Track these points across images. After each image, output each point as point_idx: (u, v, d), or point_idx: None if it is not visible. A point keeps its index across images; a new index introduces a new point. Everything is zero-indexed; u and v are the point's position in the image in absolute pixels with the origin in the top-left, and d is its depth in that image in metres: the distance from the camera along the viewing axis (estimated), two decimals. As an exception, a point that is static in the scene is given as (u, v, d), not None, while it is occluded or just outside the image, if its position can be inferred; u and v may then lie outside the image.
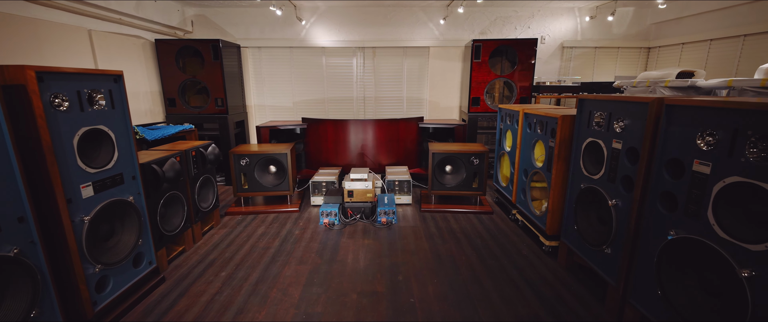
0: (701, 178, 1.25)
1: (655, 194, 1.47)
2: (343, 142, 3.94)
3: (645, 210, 1.52)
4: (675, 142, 1.37)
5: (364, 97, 4.77)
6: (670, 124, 1.39)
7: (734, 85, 2.25)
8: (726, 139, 1.17)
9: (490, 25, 4.58)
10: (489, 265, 2.29)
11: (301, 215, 3.21)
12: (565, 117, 2.15)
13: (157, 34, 4.00)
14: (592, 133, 1.92)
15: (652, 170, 1.47)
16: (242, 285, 2.08)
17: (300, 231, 2.84)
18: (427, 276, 2.16)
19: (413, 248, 2.54)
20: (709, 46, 3.86)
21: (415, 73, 4.72)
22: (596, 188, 1.87)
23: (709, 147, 1.23)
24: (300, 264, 2.32)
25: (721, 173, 1.18)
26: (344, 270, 2.24)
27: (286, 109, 4.79)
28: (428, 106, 4.80)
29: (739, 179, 1.12)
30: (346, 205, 3.04)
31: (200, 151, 2.64)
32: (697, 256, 1.29)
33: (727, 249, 1.17)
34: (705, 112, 1.24)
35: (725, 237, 1.17)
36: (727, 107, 1.16)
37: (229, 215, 3.18)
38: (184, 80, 3.90)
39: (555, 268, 2.24)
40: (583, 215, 2.01)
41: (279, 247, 2.56)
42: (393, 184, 3.45)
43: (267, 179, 3.27)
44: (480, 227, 2.90)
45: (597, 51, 4.66)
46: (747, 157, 1.10)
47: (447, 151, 3.19)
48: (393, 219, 2.97)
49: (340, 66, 4.67)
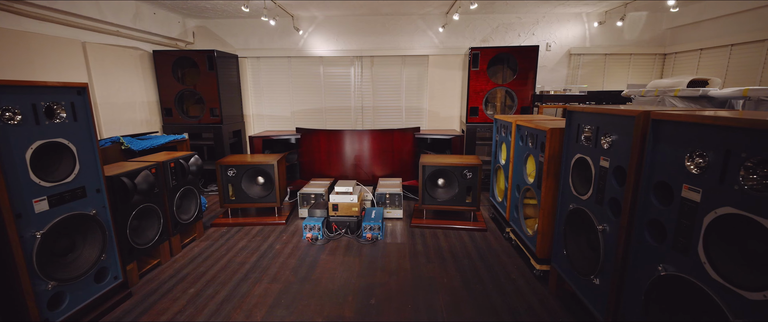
0: (691, 206, 1.07)
1: (642, 221, 1.28)
2: (335, 152, 3.85)
3: (632, 239, 1.33)
4: (663, 163, 1.19)
5: (362, 107, 4.68)
6: (658, 141, 1.21)
7: (750, 95, 2.01)
8: (718, 162, 0.98)
9: (492, 33, 4.42)
10: (473, 289, 2.11)
11: (286, 228, 3.11)
12: (553, 130, 1.97)
13: (157, 46, 4.06)
14: (580, 148, 1.74)
15: (638, 194, 1.29)
16: (207, 304, 1.99)
17: (281, 245, 2.74)
18: (402, 301, 2.00)
19: (394, 267, 2.39)
20: (729, 51, 3.56)
21: (414, 82, 4.61)
22: (585, 210, 1.68)
23: (699, 170, 1.05)
24: (272, 282, 2.21)
25: (712, 202, 1.00)
26: (316, 291, 2.12)
27: (285, 118, 4.76)
28: (428, 116, 4.66)
29: (732, 211, 0.94)
30: (330, 219, 2.92)
31: (180, 162, 2.60)
32: (687, 297, 1.10)
33: (719, 294, 0.97)
34: (694, 128, 1.06)
35: (718, 279, 0.98)
36: (717, 124, 0.98)
37: (214, 227, 3.12)
38: (180, 90, 3.93)
39: (544, 295, 2.04)
40: (573, 239, 1.82)
41: (255, 262, 2.47)
42: (384, 197, 3.32)
43: (254, 191, 3.21)
44: (470, 246, 2.71)
45: (607, 58, 4.41)
46: (741, 185, 0.91)
47: (439, 164, 3.03)
48: (379, 235, 2.83)
49: (338, 75, 4.61)
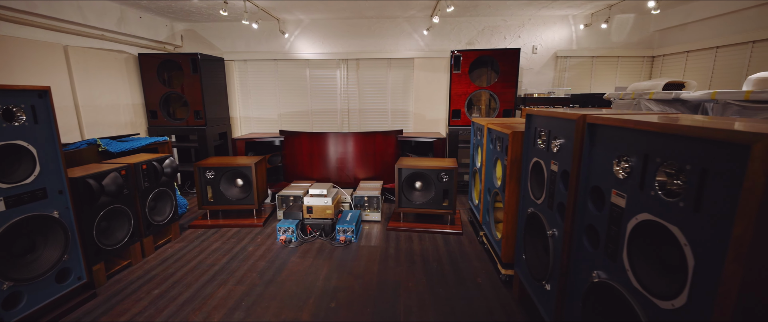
0: (618, 212, 1.05)
1: (581, 226, 1.26)
2: (318, 155, 3.86)
3: (573, 244, 1.31)
4: (598, 168, 1.17)
5: (348, 110, 4.69)
6: (593, 145, 1.20)
7: (718, 98, 1.97)
8: (638, 167, 0.97)
9: (477, 36, 4.41)
10: (436, 293, 2.10)
11: (263, 230, 3.12)
12: (515, 133, 1.95)
13: (144, 49, 4.11)
14: (537, 152, 1.72)
15: (577, 199, 1.27)
16: (168, 305, 2.00)
17: (254, 247, 2.74)
18: (362, 304, 1.99)
19: (361, 271, 2.38)
20: (715, 53, 3.51)
21: (400, 84, 4.60)
22: (539, 214, 1.66)
23: (625, 175, 1.03)
24: (237, 284, 2.22)
25: (634, 208, 0.98)
26: (278, 293, 2.11)
27: (272, 121, 4.78)
28: (414, 119, 4.65)
29: (649, 217, 0.92)
30: (305, 221, 2.92)
31: (153, 164, 2.62)
32: (615, 305, 1.07)
33: (639, 302, 0.95)
34: (621, 133, 1.05)
35: (637, 287, 0.96)
36: (638, 128, 0.96)
37: (192, 229, 3.14)
38: (166, 93, 3.97)
39: (507, 301, 2.01)
40: (531, 244, 1.80)
41: (225, 264, 2.48)
42: (362, 200, 3.31)
43: (233, 193, 3.22)
44: (443, 250, 2.69)
45: (594, 60, 4.37)
46: (656, 190, 0.90)
47: (415, 167, 3.02)
48: (352, 238, 2.82)
49: (324, 78, 4.62)
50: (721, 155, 0.71)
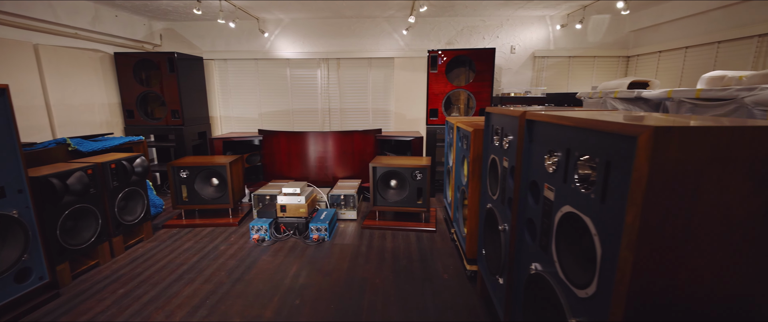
0: (549, 205, 1.08)
1: (523, 220, 1.30)
2: (296, 154, 3.86)
3: (517, 238, 1.34)
4: (535, 163, 1.20)
5: (329, 109, 4.70)
6: (532, 141, 1.23)
7: (673, 96, 2.02)
8: (563, 161, 1.00)
9: (456, 36, 4.45)
10: (401, 289, 2.12)
11: (238, 229, 3.12)
12: (476, 131, 1.99)
13: (121, 48, 4.07)
14: (494, 149, 1.75)
15: (520, 194, 1.30)
16: (131, 305, 1.99)
17: (226, 247, 2.74)
18: (327, 301, 2.01)
19: (331, 268, 2.39)
20: (685, 53, 3.59)
21: (380, 84, 4.62)
22: (494, 209, 1.69)
23: (554, 169, 1.06)
24: (204, 283, 2.22)
25: (560, 201, 1.01)
26: (245, 291, 2.12)
27: (252, 120, 4.77)
28: (394, 118, 4.67)
29: (570, 209, 0.95)
30: (278, 220, 2.93)
31: (122, 163, 2.60)
32: (548, 296, 1.11)
33: (563, 292, 0.98)
34: (550, 129, 1.08)
35: (563, 278, 0.99)
36: (560, 123, 0.99)
37: (165, 228, 3.12)
38: (142, 92, 3.94)
39: (470, 296, 2.04)
40: (489, 239, 1.83)
41: (194, 263, 2.47)
42: (339, 198, 3.32)
43: (207, 192, 3.21)
44: (415, 247, 2.72)
45: (571, 60, 4.44)
46: (575, 182, 0.93)
47: (389, 166, 3.05)
48: (326, 236, 2.83)
49: (305, 77, 4.63)
50: (619, 148, 0.74)
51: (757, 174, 0.65)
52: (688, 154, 0.64)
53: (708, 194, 0.66)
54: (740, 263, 0.69)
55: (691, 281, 0.70)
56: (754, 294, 0.70)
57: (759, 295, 0.70)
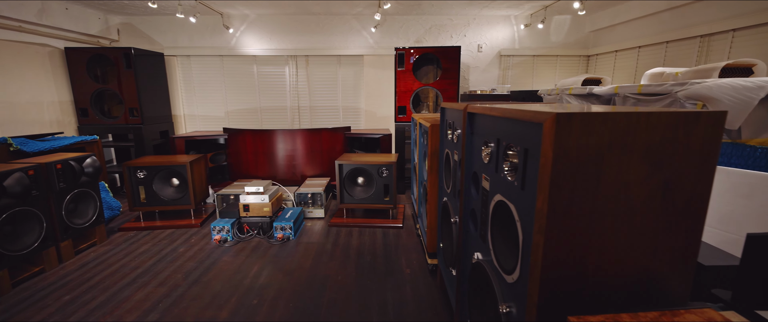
0: (486, 194, 1.11)
1: (468, 211, 1.32)
2: (263, 153, 3.79)
3: (463, 228, 1.37)
4: (476, 154, 1.23)
5: (298, 107, 4.64)
6: (472, 133, 1.25)
7: (620, 92, 2.13)
8: (495, 151, 1.02)
9: (425, 34, 4.49)
10: (363, 285, 2.12)
11: (200, 230, 3.02)
12: (434, 126, 2.01)
13: (73, 43, 3.85)
14: (448, 143, 1.78)
15: (463, 184, 1.33)
16: (76, 311, 1.89)
17: (185, 248, 2.65)
18: (286, 300, 1.98)
19: (293, 267, 2.36)
20: (638, 52, 3.78)
21: (350, 81, 4.61)
22: (448, 203, 1.72)
23: (488, 159, 1.09)
24: (158, 286, 2.13)
25: (494, 190, 1.04)
26: (201, 293, 2.06)
27: (219, 119, 4.64)
28: (365, 116, 4.67)
29: (500, 198, 0.98)
30: (242, 220, 2.86)
31: (70, 164, 2.47)
32: (487, 283, 1.13)
33: (497, 278, 1.01)
34: (485, 120, 1.10)
35: (496, 265, 1.01)
36: (491, 114, 1.02)
37: (122, 232, 2.98)
38: (97, 89, 3.75)
39: (430, 289, 2.07)
40: (446, 232, 1.86)
41: (150, 267, 2.38)
42: (306, 197, 3.28)
43: (167, 193, 3.10)
44: (380, 243, 2.73)
45: (536, 59, 4.58)
46: (504, 172, 0.95)
47: (356, 163, 3.04)
48: (290, 235, 2.79)
49: (273, 75, 4.54)
50: (533, 135, 0.77)
51: (653, 158, 0.69)
52: (589, 139, 0.67)
53: (610, 177, 0.69)
54: (642, 241, 0.73)
55: (599, 262, 0.73)
56: (656, 269, 0.74)
57: (659, 270, 0.74)
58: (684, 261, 0.74)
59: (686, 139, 0.69)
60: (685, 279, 0.75)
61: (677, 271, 0.74)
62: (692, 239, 0.73)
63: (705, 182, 0.71)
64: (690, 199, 0.71)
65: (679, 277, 0.74)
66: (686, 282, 0.75)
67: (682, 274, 0.74)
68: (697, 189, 0.71)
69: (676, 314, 0.67)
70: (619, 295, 0.75)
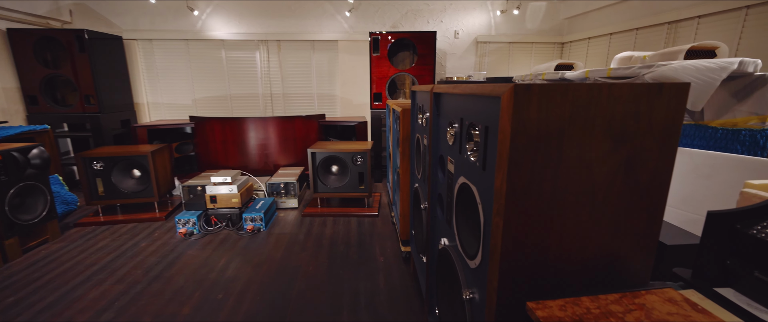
0: (451, 178, 1.06)
1: (435, 195, 1.28)
2: (232, 142, 3.63)
3: (431, 214, 1.32)
4: (441, 136, 1.18)
5: (271, 94, 4.46)
6: (438, 115, 1.20)
7: (590, 76, 2.13)
8: (458, 131, 0.97)
9: (401, 19, 4.39)
10: (334, 275, 2.06)
11: (164, 223, 2.87)
12: (405, 111, 1.95)
13: (17, 24, 3.53)
14: (418, 128, 1.72)
15: (430, 169, 1.28)
16: (21, 314, 1.74)
17: (148, 243, 2.51)
18: (254, 292, 1.90)
19: (263, 258, 2.28)
20: (610, 39, 3.82)
21: (324, 68, 4.47)
22: (418, 188, 1.67)
23: (453, 141, 1.03)
24: (116, 284, 2.00)
25: (458, 172, 0.99)
26: (163, 289, 1.94)
27: (186, 107, 4.41)
28: (340, 103, 4.56)
29: (464, 180, 0.93)
30: (209, 212, 2.73)
31: (12, 155, 2.26)
32: (453, 269, 1.10)
33: (461, 264, 0.97)
34: (450, 100, 1.05)
35: (460, 250, 0.97)
36: (453, 93, 0.96)
37: (78, 227, 2.79)
38: (47, 75, 3.46)
39: (404, 277, 2.04)
40: (418, 219, 1.82)
41: (107, 263, 2.23)
42: (278, 186, 3.18)
43: (128, 185, 2.91)
44: (355, 232, 2.67)
45: (511, 46, 4.58)
46: (467, 153, 0.90)
47: (329, 151, 2.95)
48: (261, 226, 2.69)
49: (243, 60, 4.34)
50: (493, 111, 0.71)
51: (615, 132, 0.65)
52: (549, 112, 0.62)
53: (572, 152, 0.65)
54: (604, 221, 0.70)
55: (561, 243, 0.70)
56: (618, 250, 0.72)
57: (621, 250, 0.72)
58: (646, 241, 0.71)
59: (649, 112, 0.65)
60: (646, 259, 0.72)
61: (639, 251, 0.71)
62: (654, 218, 0.70)
63: (668, 158, 0.68)
64: (653, 175, 0.68)
65: (640, 257, 0.72)
66: (648, 262, 0.72)
67: (644, 254, 0.72)
68: (659, 165, 0.68)
69: (637, 295, 0.64)
70: (579, 278, 0.72)
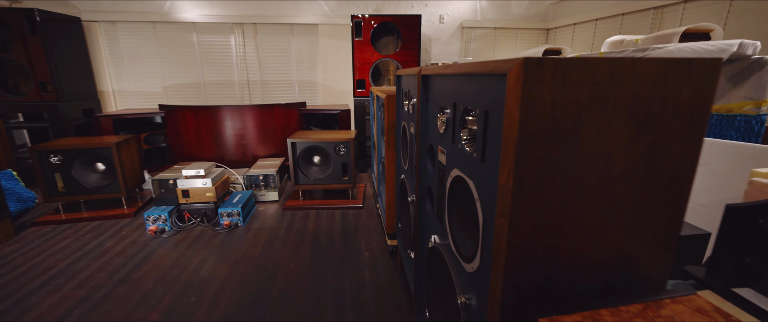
0: (443, 170, 0.95)
1: (424, 188, 1.17)
2: (207, 132, 3.42)
3: (420, 208, 1.22)
4: (431, 124, 1.07)
5: (248, 81, 4.23)
6: (427, 100, 1.08)
7: (581, 61, 2.05)
8: (451, 118, 0.86)
9: (385, 2, 4.21)
10: (317, 272, 1.95)
11: (133, 220, 2.68)
12: (390, 97, 1.83)
13: (-43, 1, 3.16)
14: (404, 115, 1.61)
15: (419, 160, 1.17)
16: (-36, 327, 1.56)
17: (114, 242, 2.32)
18: (230, 293, 1.77)
19: (241, 256, 2.14)
20: (595, 25, 3.78)
21: (305, 53, 4.26)
22: (405, 180, 1.57)
23: (444, 128, 0.92)
24: (77, 288, 1.83)
25: (451, 164, 0.88)
26: (130, 293, 1.79)
27: (155, 95, 4.13)
28: (322, 91, 4.38)
29: (458, 173, 0.82)
30: (181, 207, 2.56)
31: (-50, 148, 2.02)
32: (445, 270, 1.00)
33: (455, 266, 0.87)
34: (441, 82, 0.94)
35: (454, 250, 0.87)
36: (446, 73, 0.85)
37: (36, 227, 2.57)
38: (-5, 60, 3.13)
39: (390, 272, 1.95)
40: (405, 212, 1.72)
41: (68, 266, 2.04)
42: (257, 179, 3.01)
43: (91, 180, 2.69)
44: (338, 225, 2.56)
45: (497, 32, 4.48)
46: (462, 142, 0.80)
47: (310, 141, 2.80)
48: (239, 221, 2.54)
49: (216, 45, 4.07)
50: (495, 92, 0.61)
51: (639, 116, 0.55)
52: (565, 93, 0.52)
53: (588, 141, 0.55)
54: (622, 219, 0.60)
55: (574, 246, 0.60)
56: (636, 251, 0.63)
57: (639, 251, 0.63)
58: (667, 240, 0.63)
59: (676, 92, 0.55)
60: (666, 260, 0.64)
61: (659, 252, 0.63)
62: (676, 214, 0.62)
63: (694, 146, 0.59)
64: (677, 166, 0.59)
65: (660, 258, 0.64)
66: (667, 264, 0.64)
67: (663, 255, 0.64)
68: (685, 154, 0.59)
69: (661, 305, 0.56)
70: (593, 283, 0.64)
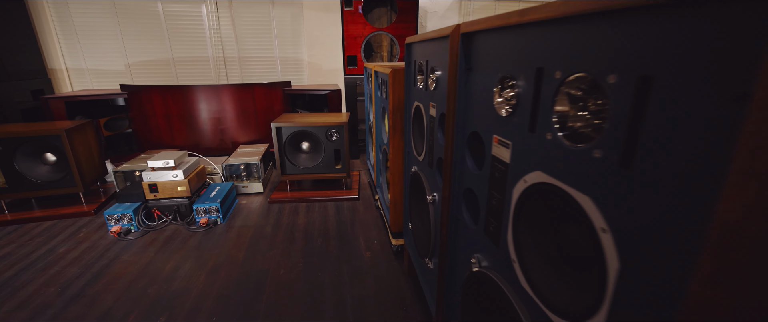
0: (502, 169, 0.67)
1: (459, 190, 0.89)
2: (178, 116, 3.02)
3: (452, 215, 0.94)
4: (476, 103, 0.77)
5: (224, 58, 3.79)
6: (471, 70, 0.78)
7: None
8: (528, 93, 0.57)
9: (376, -32, 3.78)
10: (311, 279, 1.68)
11: (94, 219, 2.32)
12: (396, 71, 1.51)
13: None
14: (417, 93, 1.30)
15: (455, 151, 0.88)
16: None
17: (68, 248, 1.97)
18: (208, 310, 1.48)
19: (221, 261, 1.84)
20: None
21: (287, 27, 3.83)
22: (420, 174, 1.28)
23: (510, 109, 0.63)
24: (18, 309, 1.50)
25: (522, 163, 0.60)
26: (85, 314, 1.47)
27: (117, 73, 3.64)
28: (308, 69, 3.98)
29: (543, 178, 0.54)
30: (150, 204, 2.21)
31: None
32: (502, 305, 0.73)
33: (529, 310, 0.60)
34: (503, 41, 0.63)
35: (527, 288, 0.60)
36: (523, 22, 0.55)
37: (-26, 230, 2.18)
38: None
39: (397, 277, 1.69)
40: (417, 211, 1.44)
41: (8, 279, 1.70)
42: (238, 169, 2.67)
43: (40, 172, 2.29)
44: (333, 220, 2.28)
45: (498, 5, 4.14)
46: (554, 130, 0.51)
47: (298, 125, 2.46)
48: (218, 217, 2.22)
49: (186, 16, 3.59)
50: (660, 42, 0.31)
51: None
52: None
53: None
54: None
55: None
56: None
57: None
58: None
59: None
60: None
61: None
62: None
63: None
64: None
65: None
66: None
67: None
68: None
69: None
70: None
